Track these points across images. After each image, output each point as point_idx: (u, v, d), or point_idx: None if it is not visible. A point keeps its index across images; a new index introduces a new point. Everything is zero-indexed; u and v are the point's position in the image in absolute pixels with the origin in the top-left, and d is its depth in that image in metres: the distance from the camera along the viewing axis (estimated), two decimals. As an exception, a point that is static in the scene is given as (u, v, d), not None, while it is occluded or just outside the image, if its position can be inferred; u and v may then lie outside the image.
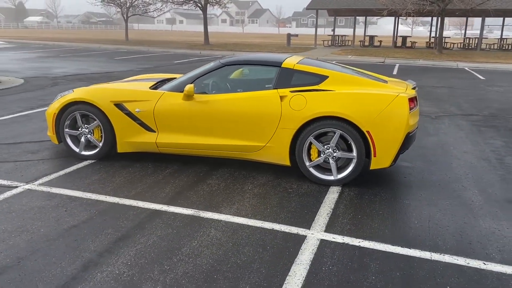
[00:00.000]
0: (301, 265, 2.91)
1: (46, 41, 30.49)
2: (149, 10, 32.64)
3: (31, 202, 3.79)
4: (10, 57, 19.01)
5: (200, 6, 28.86)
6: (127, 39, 32.24)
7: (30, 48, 25.20)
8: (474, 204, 4.03)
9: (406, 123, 4.15)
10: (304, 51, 26.20)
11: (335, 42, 33.67)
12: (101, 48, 26.87)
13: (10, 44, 29.21)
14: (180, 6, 29.66)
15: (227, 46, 28.40)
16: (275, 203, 3.93)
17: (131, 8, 31.54)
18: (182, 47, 27.06)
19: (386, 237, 3.34)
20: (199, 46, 28.21)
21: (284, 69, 4.57)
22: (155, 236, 3.24)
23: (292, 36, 32.82)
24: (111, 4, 31.29)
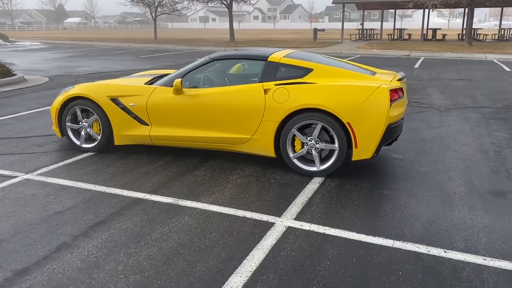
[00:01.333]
0: (261, 250, 3.03)
1: (79, 41, 31.58)
2: (177, 8, 33.23)
3: (26, 191, 4.06)
4: (42, 57, 19.87)
5: (226, 4, 29.12)
6: (156, 38, 32.93)
7: (63, 48, 26.19)
8: (455, 195, 4.02)
9: (386, 115, 4.17)
10: (329, 45, 26.04)
11: (363, 36, 33.22)
12: (130, 47, 27.61)
13: (46, 44, 30.43)
14: (206, 4, 30.04)
15: (252, 43, 28.56)
16: (254, 192, 4.05)
17: (159, 7, 32.18)
18: (208, 45, 27.41)
19: (353, 225, 3.40)
20: (224, 43, 28.50)
21: (270, 62, 4.67)
22: (129, 222, 3.43)
23: (318, 31, 32.64)
24: (140, 3, 32.05)
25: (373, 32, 34.43)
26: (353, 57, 19.60)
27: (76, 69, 14.64)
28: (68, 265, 2.82)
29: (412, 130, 6.41)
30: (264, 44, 26.94)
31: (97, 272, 2.75)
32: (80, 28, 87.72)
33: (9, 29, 72.54)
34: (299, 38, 35.75)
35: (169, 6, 32.82)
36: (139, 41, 31.17)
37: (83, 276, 2.71)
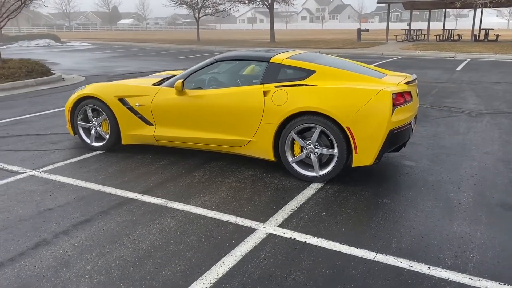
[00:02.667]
0: (234, 256, 2.95)
1: (125, 42, 32.65)
2: (219, 10, 33.59)
3: (26, 187, 4.20)
4: (86, 57, 20.69)
5: (267, 4, 29.10)
6: (198, 39, 33.45)
7: (109, 49, 27.15)
8: (459, 206, 3.75)
9: (388, 120, 3.96)
10: (371, 46, 25.40)
11: (409, 37, 32.16)
12: (172, 48, 28.21)
13: (94, 45, 31.70)
14: (247, 5, 30.17)
15: (292, 43, 28.37)
16: (246, 197, 3.97)
17: (202, 9, 32.66)
18: (247, 46, 27.50)
19: (338, 235, 3.25)
20: (264, 44, 28.50)
21: (272, 64, 4.57)
22: (113, 222, 3.45)
23: (362, 31, 31.93)
24: (183, 5, 32.68)
25: (421, 32, 33.22)
26: (394, 58, 19.00)
27: (114, 69, 15.10)
28: (40, 262, 2.87)
29: (434, 136, 6.08)
30: (304, 45, 26.68)
31: (65, 270, 2.78)
32: (132, 30, 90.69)
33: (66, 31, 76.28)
34: (342, 39, 35.14)
35: (211, 7, 33.28)
36: (182, 42, 31.80)
37: (51, 274, 2.74)
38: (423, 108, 7.97)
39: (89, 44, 32.89)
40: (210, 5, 33.05)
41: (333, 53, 22.16)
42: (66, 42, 34.27)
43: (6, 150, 5.38)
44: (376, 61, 17.52)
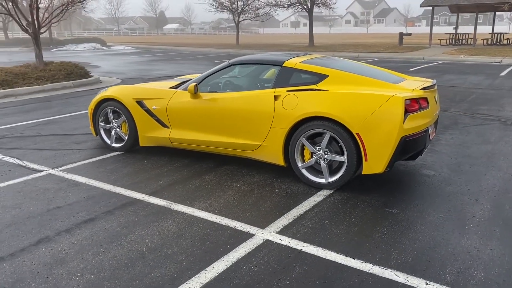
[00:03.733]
0: (225, 262, 2.92)
1: (167, 46, 33.44)
2: (259, 14, 33.75)
3: (42, 185, 4.35)
4: (127, 60, 21.33)
5: (306, 8, 28.95)
6: (238, 43, 33.74)
7: (151, 53, 27.89)
8: (472, 219, 3.56)
9: (399, 126, 3.81)
10: (412, 50, 24.71)
11: (455, 41, 31.03)
12: (211, 52, 28.59)
13: (137, 49, 32.66)
14: (285, 9, 30.14)
15: (330, 47, 28.05)
16: (251, 201, 3.93)
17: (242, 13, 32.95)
18: (285, 49, 27.45)
19: (337, 245, 3.15)
20: (302, 48, 28.34)
21: (284, 68, 4.52)
22: (115, 222, 3.51)
23: (405, 35, 31.12)
24: (223, 10, 33.09)
25: (467, 36, 32.00)
26: (434, 63, 18.39)
27: (151, 72, 15.48)
28: (37, 259, 2.95)
29: (461, 144, 5.81)
30: (342, 49, 26.32)
31: (59, 268, 2.84)
32: (177, 34, 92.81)
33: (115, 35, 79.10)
34: (383, 43, 34.39)
35: (251, 12, 33.49)
36: (221, 46, 32.18)
37: (45, 270, 2.81)
38: (455, 115, 7.65)
39: (132, 48, 33.92)
40: (250, 10, 33.26)
41: (372, 58, 21.75)
42: (111, 46, 35.52)
43: (32, 149, 5.61)
44: (415, 66, 17.02)
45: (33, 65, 11.67)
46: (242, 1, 32.18)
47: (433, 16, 30.26)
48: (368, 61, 19.95)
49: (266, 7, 31.59)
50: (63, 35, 57.26)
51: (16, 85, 10.26)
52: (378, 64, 17.86)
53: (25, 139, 6.13)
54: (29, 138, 6.18)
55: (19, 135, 6.36)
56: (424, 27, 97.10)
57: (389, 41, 37.90)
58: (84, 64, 17.88)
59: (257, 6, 32.84)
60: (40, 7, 11.23)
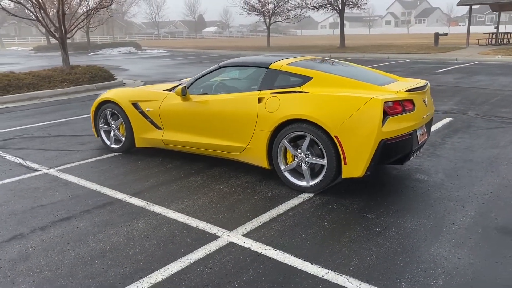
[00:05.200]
0: (182, 263, 2.94)
1: (199, 49, 33.93)
2: (290, 16, 33.66)
3: (35, 184, 4.53)
4: (156, 63, 21.81)
5: (337, 9, 28.61)
6: (269, 45, 33.77)
7: (182, 56, 28.38)
8: (451, 227, 3.41)
9: (377, 129, 3.71)
10: (447, 51, 23.91)
11: (495, 41, 29.77)
12: (240, 54, 28.73)
13: (169, 52, 33.33)
14: (316, 11, 29.88)
15: (361, 48, 27.58)
16: (228, 204, 3.94)
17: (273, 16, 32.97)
18: (315, 51, 27.24)
19: (299, 249, 3.11)
20: (333, 49, 28.02)
21: (270, 70, 4.50)
22: (89, 221, 3.61)
23: (441, 35, 30.16)
24: (254, 13, 33.23)
25: (509, 36, 30.61)
26: (467, 64, 17.72)
27: (176, 75, 15.75)
28: (5, 255, 3.08)
29: (466, 148, 5.58)
30: (374, 49, 25.81)
31: (21, 264, 2.95)
32: (215, 37, 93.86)
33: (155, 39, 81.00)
34: (418, 43, 33.45)
35: (282, 14, 33.45)
36: (252, 49, 32.30)
37: (7, 266, 2.93)
38: (470, 118, 7.35)
39: (165, 51, 34.64)
40: (281, 12, 33.23)
41: (403, 59, 21.23)
42: (145, 50, 36.42)
43: (38, 149, 5.85)
44: (445, 67, 16.47)
45: (59, 69, 12.14)
46: (273, 4, 32.22)
47: (470, 15, 29.17)
48: (397, 62, 19.51)
49: (297, 9, 31.47)
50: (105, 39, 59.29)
51: (41, 88, 10.71)
52: (406, 66, 17.42)
53: (34, 139, 6.39)
54: (39, 138, 6.44)
55: (30, 135, 6.64)
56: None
57: (426, 42, 36.82)
58: (114, 67, 18.46)
59: (288, 8, 32.81)
60: (67, 13, 11.65)
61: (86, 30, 32.91)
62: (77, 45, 35.60)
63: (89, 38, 35.22)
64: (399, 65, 18.09)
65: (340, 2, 28.41)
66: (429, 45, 29.89)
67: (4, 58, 30.07)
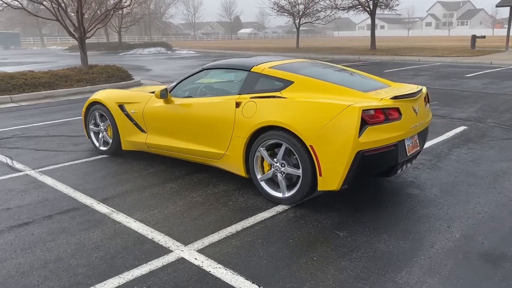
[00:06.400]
0: (122, 279, 2.75)
1: (228, 50, 33.94)
2: (320, 17, 33.14)
3: (11, 185, 4.46)
4: (180, 64, 21.89)
5: (368, 10, 27.91)
6: (297, 47, 33.38)
7: (209, 57, 28.44)
8: (428, 250, 3.07)
9: (353, 140, 3.40)
10: (482, 54, 22.85)
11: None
12: (267, 55, 28.50)
13: (198, 53, 33.51)
14: (346, 12, 29.27)
15: (392, 51, 26.75)
16: (195, 214, 3.72)
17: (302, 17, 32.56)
18: (345, 53, 26.68)
19: (251, 269, 2.86)
20: (363, 51, 27.35)
21: (252, 73, 4.26)
22: (46, 228, 3.47)
23: (478, 38, 28.90)
24: (284, 14, 32.91)
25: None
26: (500, 68, 16.83)
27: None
28: None
29: (473, 160, 5.15)
30: (405, 52, 24.98)
31: (-41, 272, 2.84)
32: (250, 38, 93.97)
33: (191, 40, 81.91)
34: (454, 46, 32.20)
35: (311, 15, 32.97)
36: (280, 50, 32.02)
37: None
38: (487, 127, 6.85)
39: (195, 52, 34.85)
40: (310, 13, 32.76)
41: (433, 62, 20.43)
42: (175, 50, 36.77)
43: (30, 149, 5.83)
44: (476, 71, 15.68)
45: (78, 68, 12.30)
46: (303, 5, 31.80)
47: (510, 17, 27.78)
48: (427, 65, 18.78)
49: (327, 10, 30.94)
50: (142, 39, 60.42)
51: (57, 87, 10.85)
52: (434, 69, 16.72)
53: (31, 139, 6.39)
54: (35, 138, 6.44)
55: (29, 135, 6.65)
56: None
57: (463, 45, 35.44)
58: (138, 67, 18.66)
59: (318, 9, 32.30)
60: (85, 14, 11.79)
61: (118, 30, 33.57)
62: (109, 45, 36.36)
63: (120, 38, 35.90)
64: (427, 68, 17.38)
65: (372, 3, 27.70)
66: (466, 48, 28.73)
67: (39, 57, 31.07)
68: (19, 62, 24.04)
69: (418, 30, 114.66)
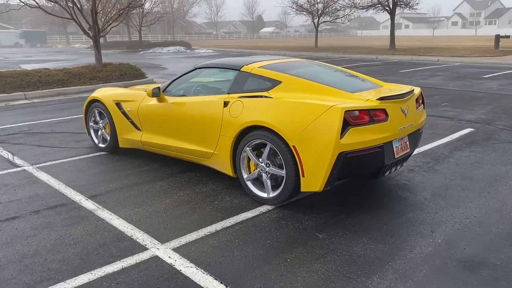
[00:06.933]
0: (93, 275, 2.78)
1: (245, 49, 33.96)
2: (339, 16, 32.83)
3: (6, 180, 4.57)
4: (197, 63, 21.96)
5: (388, 9, 27.51)
6: (316, 46, 33.15)
7: (226, 56, 28.50)
8: (406, 255, 3.01)
9: (335, 141, 3.36)
10: (505, 55, 22.25)
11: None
12: (286, 55, 28.41)
13: (216, 52, 33.64)
14: (365, 11, 28.91)
15: (412, 51, 26.28)
16: (178, 213, 3.74)
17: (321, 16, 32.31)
18: (363, 52, 26.37)
19: (222, 269, 2.85)
20: (382, 51, 26.97)
21: (241, 73, 4.26)
22: (30, 223, 3.54)
23: (502, 38, 28.14)
24: (303, 12, 32.72)
25: None
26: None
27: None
28: None
29: (473, 163, 5.02)
30: (425, 52, 24.51)
31: None
32: (272, 37, 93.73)
33: (213, 38, 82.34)
34: (477, 46, 31.41)
35: (330, 14, 32.68)
36: (298, 49, 31.86)
37: None
38: (495, 129, 6.67)
39: (213, 51, 35.00)
40: (329, 12, 32.48)
41: (452, 62, 20.01)
42: (194, 49, 37.01)
43: (32, 145, 5.96)
44: (496, 72, 15.29)
45: (92, 66, 12.50)
46: (322, 4, 31.55)
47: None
48: (445, 66, 18.40)
49: (346, 9, 30.63)
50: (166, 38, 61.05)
51: (70, 84, 11.06)
52: (451, 70, 16.38)
53: (36, 135, 6.53)
54: (40, 134, 6.58)
55: (34, 131, 6.80)
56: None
57: (487, 45, 34.56)
58: (154, 66, 18.86)
59: (336, 8, 32.00)
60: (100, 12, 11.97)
61: (139, 29, 33.99)
62: (130, 44, 36.86)
63: (141, 37, 36.36)
64: (444, 69, 17.03)
65: (391, 2, 27.30)
66: (488, 48, 28.03)
67: (62, 55, 31.74)
68: (41, 60, 24.61)
69: (444, 29, 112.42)
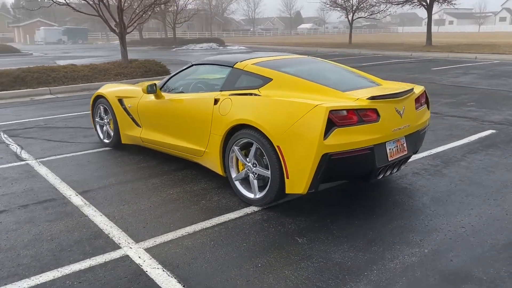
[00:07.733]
0: (59, 272, 2.77)
1: (278, 46, 33.76)
2: (374, 12, 32.01)
3: (7, 173, 4.66)
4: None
5: (425, 5, 26.56)
6: (350, 42, 32.51)
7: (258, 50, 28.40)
8: (386, 265, 2.83)
9: (318, 142, 3.20)
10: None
11: None
12: (317, 51, 27.99)
13: (248, 48, 33.60)
14: (401, 7, 28.03)
15: (449, 48, 25.27)
16: (162, 211, 3.69)
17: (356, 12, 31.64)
18: (398, 49, 25.61)
19: (189, 273, 2.77)
20: (418, 48, 26.10)
21: (234, 70, 4.15)
22: (15, 217, 3.58)
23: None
24: (337, 8, 32.14)
25: None
26: None
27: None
28: None
29: (485, 168, 4.72)
30: (461, 49, 23.51)
31: None
32: (310, 34, 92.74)
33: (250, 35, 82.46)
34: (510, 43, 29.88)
35: (365, 10, 31.92)
36: (332, 46, 31.33)
37: None
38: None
39: (245, 48, 34.97)
40: (364, 8, 31.75)
41: (491, 60, 19.10)
42: (227, 46, 37.14)
43: (42, 139, 6.09)
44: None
45: (117, 63, 12.73)
46: (357, 0, 30.89)
47: None
48: (481, 63, 17.59)
49: (381, 4, 29.83)
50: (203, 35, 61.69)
51: (95, 80, 11.29)
52: (488, 68, 15.65)
53: (49, 129, 6.68)
54: (53, 129, 6.72)
55: (49, 125, 6.96)
56: None
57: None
58: (181, 62, 19.01)
59: (371, 4, 31.25)
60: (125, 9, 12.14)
61: (173, 26, 34.44)
62: (165, 41, 37.47)
63: (175, 34, 36.84)
64: (480, 66, 16.26)
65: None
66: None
67: (99, 51, 32.61)
68: (77, 56, 25.37)
69: (491, 25, 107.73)
